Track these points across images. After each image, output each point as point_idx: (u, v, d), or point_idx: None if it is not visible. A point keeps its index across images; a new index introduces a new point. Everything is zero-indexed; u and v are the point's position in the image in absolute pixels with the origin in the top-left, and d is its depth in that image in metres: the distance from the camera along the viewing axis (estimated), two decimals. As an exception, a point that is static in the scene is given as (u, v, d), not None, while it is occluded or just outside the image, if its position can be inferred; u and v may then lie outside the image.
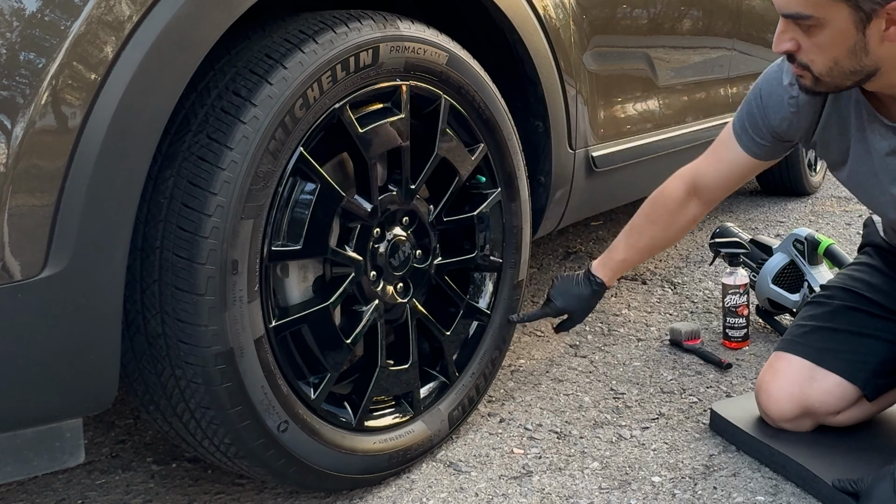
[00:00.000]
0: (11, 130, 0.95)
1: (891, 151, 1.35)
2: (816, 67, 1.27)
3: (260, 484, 1.50)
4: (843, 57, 1.24)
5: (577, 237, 3.15)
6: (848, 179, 1.48)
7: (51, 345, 1.02)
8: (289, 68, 1.22)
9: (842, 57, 1.24)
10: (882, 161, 1.37)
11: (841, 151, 1.45)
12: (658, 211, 1.69)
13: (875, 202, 1.46)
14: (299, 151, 1.26)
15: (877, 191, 1.42)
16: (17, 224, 0.96)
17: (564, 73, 1.81)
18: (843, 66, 1.25)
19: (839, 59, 1.24)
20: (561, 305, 1.73)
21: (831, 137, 1.45)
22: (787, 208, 3.55)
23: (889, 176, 1.37)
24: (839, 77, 1.27)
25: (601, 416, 1.74)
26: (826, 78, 1.28)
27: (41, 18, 0.97)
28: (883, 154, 1.37)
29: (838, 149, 1.45)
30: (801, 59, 1.28)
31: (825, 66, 1.26)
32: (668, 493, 1.44)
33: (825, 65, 1.26)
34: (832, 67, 1.26)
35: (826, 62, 1.25)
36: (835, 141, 1.45)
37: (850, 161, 1.44)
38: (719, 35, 2.68)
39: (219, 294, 1.16)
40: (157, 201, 1.16)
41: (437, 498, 1.45)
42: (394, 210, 1.45)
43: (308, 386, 1.35)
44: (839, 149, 1.45)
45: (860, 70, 1.25)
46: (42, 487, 1.52)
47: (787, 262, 2.13)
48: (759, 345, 2.08)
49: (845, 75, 1.27)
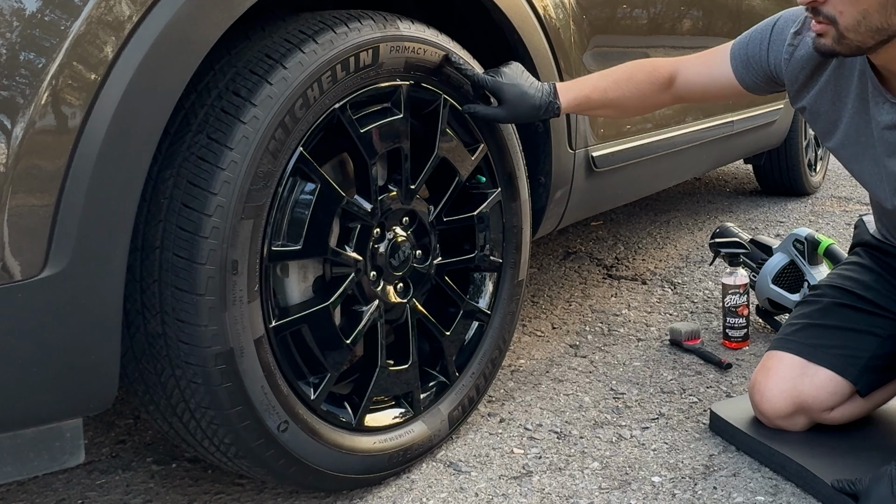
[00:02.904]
0: (11, 130, 0.95)
1: (892, 125, 1.35)
2: (844, 20, 1.23)
3: (260, 484, 1.50)
4: (874, 10, 1.21)
5: (577, 237, 3.15)
6: (839, 148, 1.47)
7: (51, 345, 1.02)
8: (289, 68, 1.22)
9: (872, 9, 1.21)
10: (881, 133, 1.37)
11: (830, 121, 1.45)
12: (641, 76, 1.63)
13: (867, 174, 1.45)
14: (299, 151, 1.27)
15: (870, 162, 1.42)
16: (17, 224, 0.96)
17: (564, 74, 1.81)
18: (871, 20, 1.22)
19: (869, 11, 1.21)
20: (505, 90, 1.52)
21: (822, 105, 1.45)
22: (787, 208, 3.55)
23: (886, 148, 1.37)
24: (865, 34, 1.24)
25: (601, 416, 1.74)
26: (850, 34, 1.24)
27: (41, 18, 0.97)
28: (882, 127, 1.37)
29: (827, 118, 1.46)
30: (828, 11, 1.24)
31: (853, 20, 1.23)
32: (668, 493, 1.45)
33: (853, 17, 1.23)
34: (860, 21, 1.23)
35: (855, 14, 1.22)
36: (825, 110, 1.45)
37: (840, 131, 1.44)
38: (719, 35, 2.68)
39: (219, 294, 1.16)
40: (157, 201, 1.16)
41: (437, 498, 1.45)
42: (394, 210, 1.45)
43: (308, 386, 1.34)
44: (828, 118, 1.45)
45: (887, 28, 1.23)
46: (42, 487, 1.52)
47: (787, 262, 2.13)
48: (759, 345, 2.08)
49: (871, 32, 1.23)
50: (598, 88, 1.63)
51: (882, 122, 1.37)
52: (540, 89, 1.57)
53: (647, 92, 1.63)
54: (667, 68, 1.63)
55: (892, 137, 1.36)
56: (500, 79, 1.53)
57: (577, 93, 1.61)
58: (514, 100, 1.53)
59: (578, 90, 1.62)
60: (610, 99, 1.63)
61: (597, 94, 1.62)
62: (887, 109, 1.35)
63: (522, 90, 1.54)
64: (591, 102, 1.63)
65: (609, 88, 1.63)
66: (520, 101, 1.53)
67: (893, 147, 1.37)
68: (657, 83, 1.63)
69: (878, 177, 1.42)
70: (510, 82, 1.53)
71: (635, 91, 1.63)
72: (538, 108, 1.55)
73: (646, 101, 1.66)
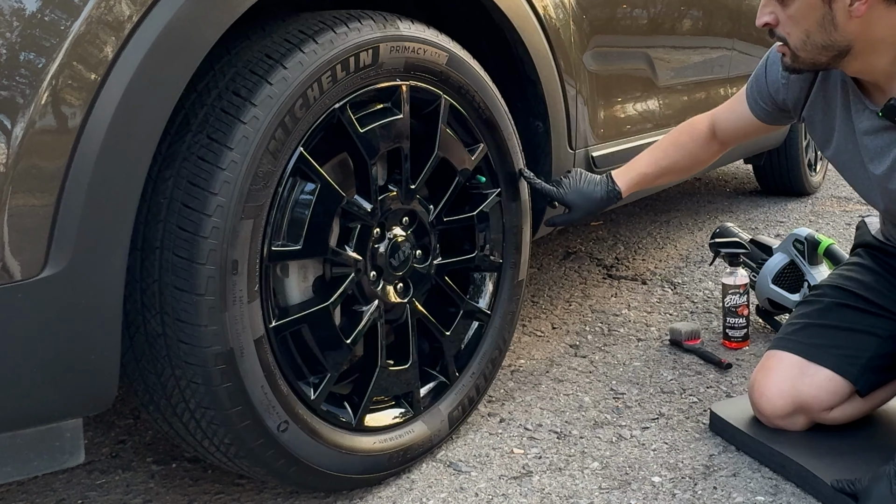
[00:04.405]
0: (11, 130, 0.94)
1: (870, 131, 1.41)
2: (792, 41, 1.34)
3: (260, 484, 1.50)
4: (814, 30, 1.30)
5: (577, 237, 3.15)
6: (834, 157, 1.54)
7: (51, 345, 1.02)
8: (289, 68, 1.22)
9: (813, 29, 1.30)
10: (862, 139, 1.43)
11: (825, 131, 1.52)
12: (685, 138, 1.77)
13: (859, 182, 1.51)
14: (299, 151, 1.27)
15: (859, 169, 1.47)
16: (17, 224, 0.96)
17: (564, 73, 1.81)
18: (815, 39, 1.31)
19: (810, 31, 1.31)
20: (569, 196, 1.71)
21: (816, 116, 1.52)
22: (787, 208, 3.55)
23: (868, 154, 1.43)
24: (813, 51, 1.33)
25: (601, 416, 1.74)
26: (801, 53, 1.34)
27: (41, 18, 0.97)
28: (861, 133, 1.42)
29: (822, 128, 1.53)
30: (780, 33, 1.35)
31: (799, 39, 1.33)
32: (668, 493, 1.45)
33: (799, 37, 1.33)
34: (805, 41, 1.32)
35: (799, 35, 1.32)
36: (819, 120, 1.52)
37: (834, 140, 1.50)
38: (719, 35, 2.68)
39: (219, 294, 1.16)
40: (157, 201, 1.16)
41: (437, 498, 1.45)
42: (394, 210, 1.45)
43: (308, 386, 1.34)
44: (823, 128, 1.52)
45: (832, 45, 1.31)
46: (42, 487, 1.52)
47: (787, 262, 2.13)
48: (759, 345, 2.08)
49: (818, 50, 1.33)
50: (651, 163, 1.78)
51: (862, 129, 1.42)
52: (600, 183, 1.72)
53: (696, 150, 1.77)
54: (705, 123, 1.75)
55: (871, 143, 1.41)
56: (563, 190, 1.70)
57: (634, 174, 1.75)
58: (580, 203, 1.71)
59: (634, 171, 1.75)
60: (664, 168, 1.77)
61: (652, 169, 1.76)
62: (867, 116, 1.41)
63: (584, 193, 1.71)
64: (648, 177, 1.77)
65: (660, 159, 1.77)
66: (585, 203, 1.71)
67: (874, 152, 1.41)
68: (700, 140, 1.76)
69: (867, 182, 1.47)
70: (572, 190, 1.71)
71: (685, 153, 1.77)
72: (602, 202, 1.72)
73: (698, 158, 1.79)
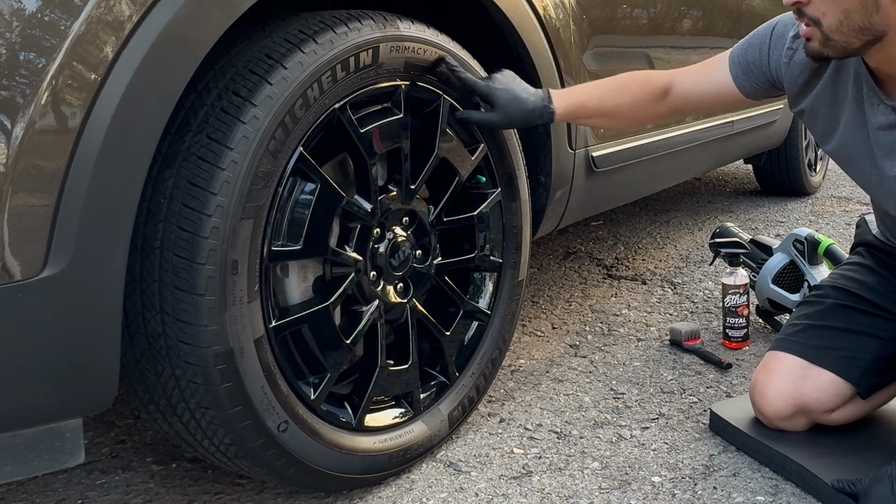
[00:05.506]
0: (11, 130, 0.94)
1: (886, 126, 1.36)
2: (827, 21, 1.26)
3: (260, 484, 1.50)
4: (855, 9, 1.23)
5: (577, 237, 3.15)
6: (837, 151, 1.48)
7: (51, 345, 1.02)
8: (289, 68, 1.22)
9: (853, 9, 1.23)
10: (875, 134, 1.38)
11: (828, 124, 1.46)
12: (636, 88, 1.64)
13: (864, 176, 1.46)
14: (299, 151, 1.27)
15: (867, 164, 1.42)
16: (17, 224, 0.96)
17: (564, 73, 1.81)
18: (853, 20, 1.24)
19: (850, 11, 1.23)
20: (497, 93, 1.52)
21: (821, 108, 1.46)
22: (787, 208, 3.55)
23: (882, 150, 1.38)
24: (848, 34, 1.26)
25: (601, 416, 1.74)
26: (835, 35, 1.26)
27: (41, 18, 0.97)
28: (876, 128, 1.37)
29: (825, 121, 1.46)
30: (811, 13, 1.27)
31: (835, 20, 1.25)
32: (668, 493, 1.45)
33: (836, 17, 1.25)
34: (842, 21, 1.24)
35: (837, 14, 1.24)
36: (823, 113, 1.46)
37: (839, 134, 1.44)
38: (719, 35, 2.68)
39: (219, 294, 1.16)
40: (157, 201, 1.16)
41: (437, 498, 1.45)
42: (394, 210, 1.45)
43: (308, 386, 1.34)
44: (826, 120, 1.46)
45: (869, 28, 1.24)
46: (42, 487, 1.52)
47: (787, 262, 2.13)
48: (759, 345, 2.08)
49: (855, 32, 1.25)
50: (594, 96, 1.64)
51: (876, 124, 1.37)
52: (534, 94, 1.56)
53: (642, 102, 1.63)
54: (662, 79, 1.64)
55: (886, 139, 1.37)
56: (492, 84, 1.52)
57: (573, 99, 1.62)
58: (506, 104, 1.52)
59: (574, 97, 1.63)
60: (605, 108, 1.64)
61: (593, 102, 1.63)
62: (882, 111, 1.36)
63: (515, 95, 1.53)
64: (587, 110, 1.63)
65: (604, 97, 1.64)
66: (512, 106, 1.52)
67: (888, 148, 1.37)
68: (651, 93, 1.63)
69: (877, 179, 1.43)
70: (502, 87, 1.53)
71: (630, 101, 1.63)
72: (531, 112, 1.55)
73: (640, 111, 1.66)
